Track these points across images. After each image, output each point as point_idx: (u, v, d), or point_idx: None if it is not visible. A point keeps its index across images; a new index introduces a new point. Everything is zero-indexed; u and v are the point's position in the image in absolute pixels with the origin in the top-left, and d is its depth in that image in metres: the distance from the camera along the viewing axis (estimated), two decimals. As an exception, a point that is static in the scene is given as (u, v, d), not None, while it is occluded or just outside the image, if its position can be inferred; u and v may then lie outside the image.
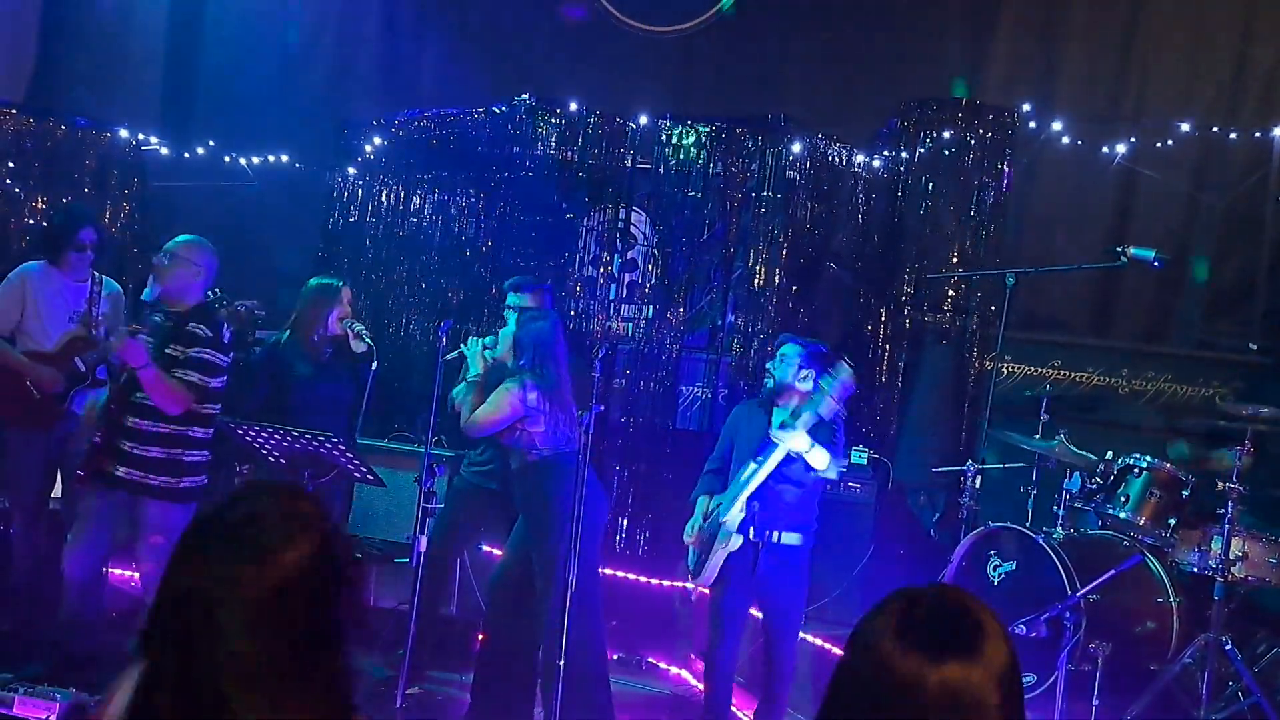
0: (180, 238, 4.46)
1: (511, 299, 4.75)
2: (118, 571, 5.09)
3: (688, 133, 5.99)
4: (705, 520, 4.34)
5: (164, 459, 4.22)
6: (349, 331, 4.61)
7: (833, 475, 4.21)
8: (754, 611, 4.52)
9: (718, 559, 4.22)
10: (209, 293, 4.32)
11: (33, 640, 4.43)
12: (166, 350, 4.21)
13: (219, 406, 4.33)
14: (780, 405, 4.23)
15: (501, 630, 4.46)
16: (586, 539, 4.16)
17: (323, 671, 1.46)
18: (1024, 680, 4.41)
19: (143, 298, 4.49)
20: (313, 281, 4.86)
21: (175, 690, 1.41)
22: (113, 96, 7.43)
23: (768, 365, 4.40)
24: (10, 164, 6.64)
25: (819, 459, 4.07)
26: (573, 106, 6.15)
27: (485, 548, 5.43)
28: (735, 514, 4.17)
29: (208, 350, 4.18)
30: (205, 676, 1.41)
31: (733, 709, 4.84)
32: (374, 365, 4.44)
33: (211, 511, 1.50)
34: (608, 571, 4.80)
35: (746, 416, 4.41)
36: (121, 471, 4.22)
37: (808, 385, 4.17)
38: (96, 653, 4.43)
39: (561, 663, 4.02)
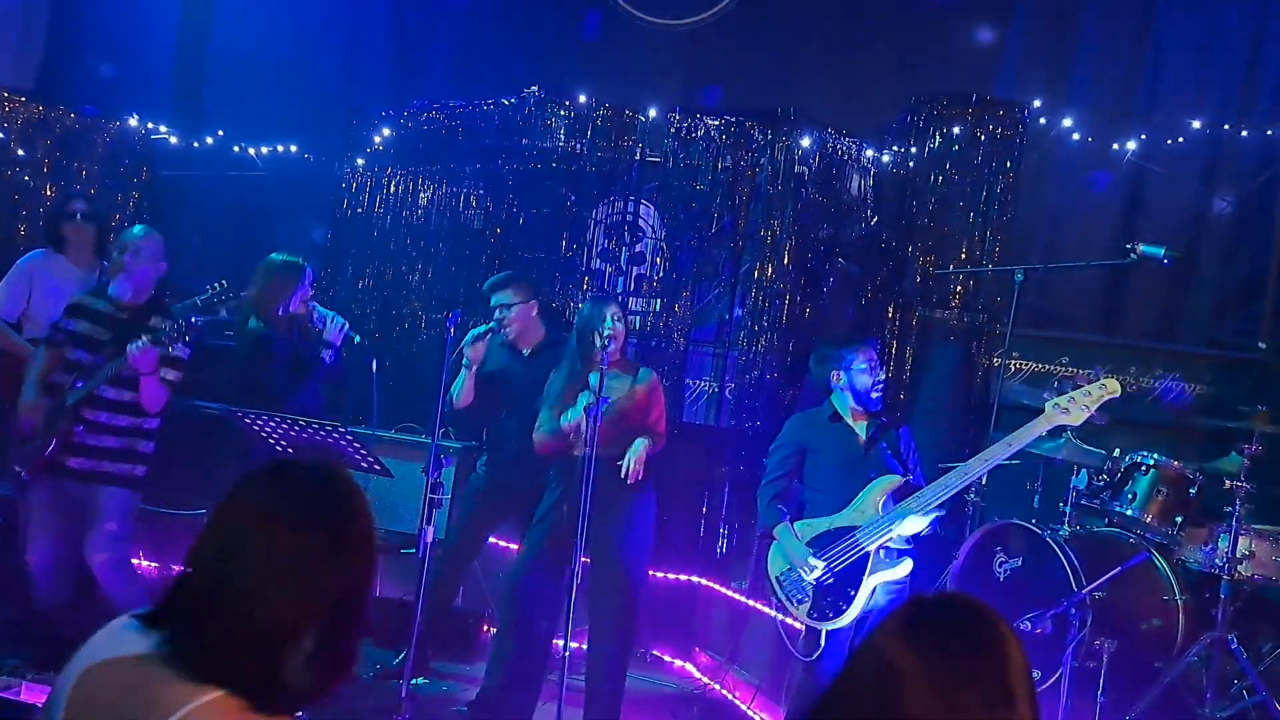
0: (139, 230, 4.46)
1: (495, 299, 4.76)
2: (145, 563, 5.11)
3: (697, 127, 5.97)
4: (814, 557, 3.97)
5: (120, 448, 4.29)
6: (334, 329, 4.64)
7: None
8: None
9: (864, 595, 3.91)
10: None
11: (31, 629, 4.46)
12: (129, 344, 4.22)
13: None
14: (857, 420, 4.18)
15: (602, 633, 4.33)
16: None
17: (343, 648, 1.49)
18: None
19: (110, 292, 4.36)
20: (275, 257, 4.80)
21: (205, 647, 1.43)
22: (122, 85, 7.44)
23: (835, 374, 4.18)
24: (20, 152, 6.65)
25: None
26: (581, 99, 6.14)
27: (492, 539, 5.43)
28: (880, 541, 3.91)
29: (177, 346, 4.19)
30: (231, 635, 1.42)
31: (745, 708, 4.84)
32: (374, 362, 4.48)
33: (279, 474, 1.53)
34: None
35: (824, 431, 4.19)
36: (74, 463, 4.24)
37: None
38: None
39: (567, 655, 4.03)
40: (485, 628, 5.31)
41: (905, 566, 4.00)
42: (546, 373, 4.52)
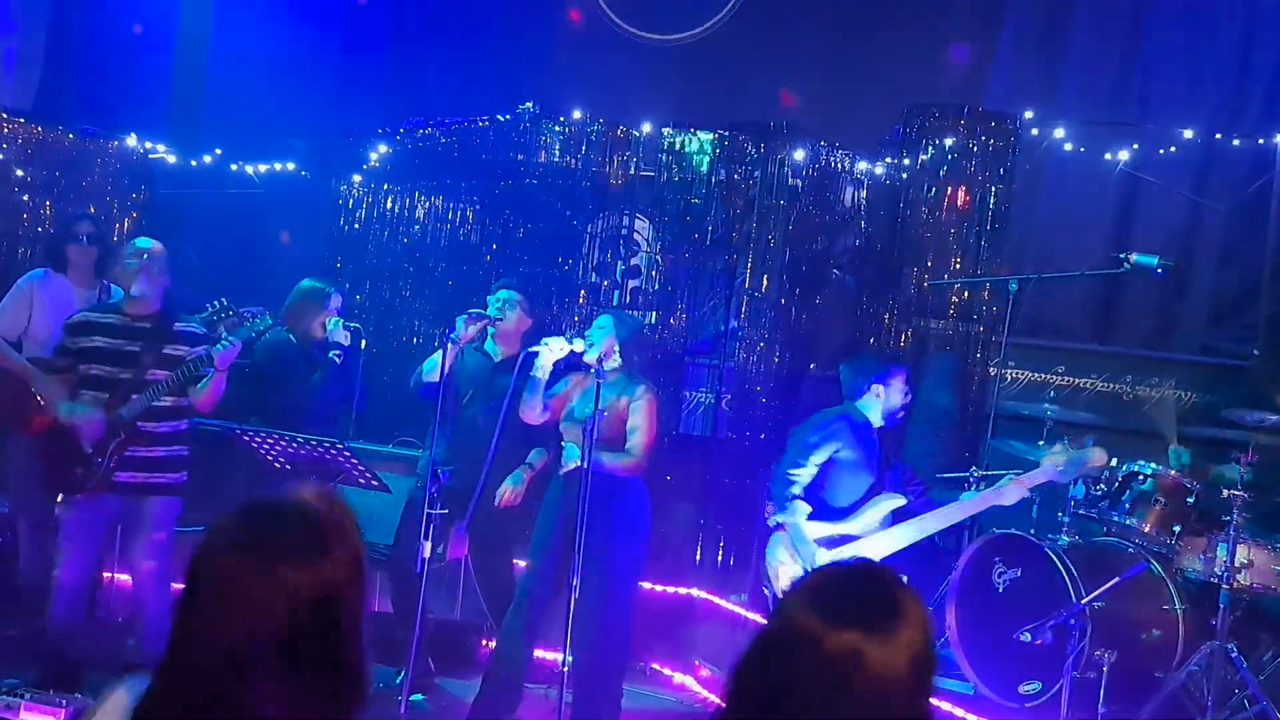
0: (145, 240, 4.47)
1: (502, 294, 4.96)
2: (122, 577, 5.11)
3: (691, 140, 6.00)
4: (821, 558, 3.99)
5: (168, 457, 4.29)
6: (338, 330, 4.78)
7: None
8: None
9: None
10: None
11: (37, 646, 4.45)
12: (164, 351, 4.24)
13: None
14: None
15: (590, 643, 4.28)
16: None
17: (343, 675, 1.45)
18: (1027, 687, 4.35)
19: (134, 293, 4.32)
20: (304, 282, 5.01)
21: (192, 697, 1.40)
22: (120, 104, 7.47)
23: (876, 387, 4.25)
24: (19, 172, 6.67)
25: None
26: (576, 115, 6.17)
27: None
28: (879, 554, 4.06)
29: (205, 347, 4.23)
30: (227, 683, 1.39)
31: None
32: (363, 344, 4.67)
33: (257, 511, 1.48)
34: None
35: (861, 437, 4.18)
36: (126, 477, 4.22)
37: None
38: (97, 657, 4.45)
39: (566, 670, 4.03)
40: (484, 642, 5.30)
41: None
42: (506, 383, 4.52)
